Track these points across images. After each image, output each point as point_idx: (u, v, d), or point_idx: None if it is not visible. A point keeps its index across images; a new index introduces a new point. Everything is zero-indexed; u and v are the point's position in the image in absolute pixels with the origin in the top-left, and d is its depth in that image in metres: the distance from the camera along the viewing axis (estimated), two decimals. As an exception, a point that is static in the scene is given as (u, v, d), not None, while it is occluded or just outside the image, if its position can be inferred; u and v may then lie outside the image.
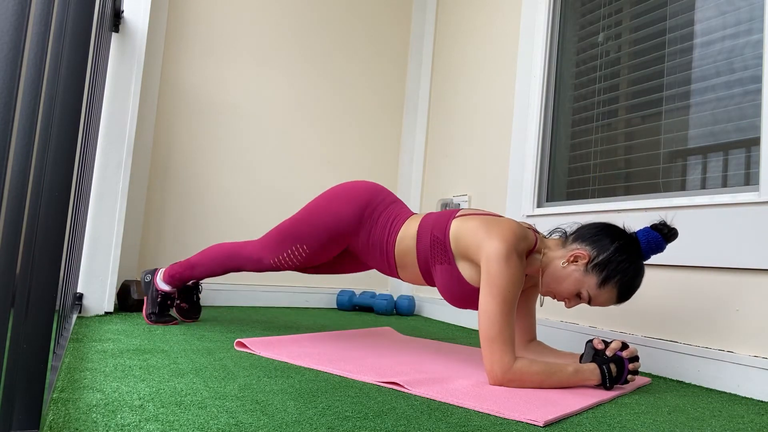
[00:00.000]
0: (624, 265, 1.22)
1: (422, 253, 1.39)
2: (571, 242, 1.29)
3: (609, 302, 1.26)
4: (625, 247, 1.24)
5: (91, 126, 1.35)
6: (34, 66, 0.54)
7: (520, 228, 1.28)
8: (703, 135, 1.58)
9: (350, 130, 2.82)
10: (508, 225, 1.27)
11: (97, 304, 1.84)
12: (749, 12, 1.50)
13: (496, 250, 1.21)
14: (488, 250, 1.22)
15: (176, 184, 2.37)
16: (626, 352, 1.25)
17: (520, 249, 1.24)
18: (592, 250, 1.25)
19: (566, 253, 1.28)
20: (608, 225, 1.29)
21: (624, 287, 1.24)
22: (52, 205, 0.64)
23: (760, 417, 1.12)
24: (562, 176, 2.08)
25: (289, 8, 2.65)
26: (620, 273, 1.22)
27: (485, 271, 1.21)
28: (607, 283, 1.23)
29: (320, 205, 1.52)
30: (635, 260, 1.23)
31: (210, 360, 1.25)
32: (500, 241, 1.22)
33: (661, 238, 1.25)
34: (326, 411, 0.91)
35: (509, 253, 1.21)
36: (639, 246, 1.25)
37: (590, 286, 1.24)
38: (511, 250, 1.21)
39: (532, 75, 2.19)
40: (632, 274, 1.23)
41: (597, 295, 1.25)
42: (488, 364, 1.17)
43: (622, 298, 1.25)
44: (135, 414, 0.82)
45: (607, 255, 1.23)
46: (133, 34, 1.94)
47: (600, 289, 1.24)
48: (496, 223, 1.29)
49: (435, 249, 1.36)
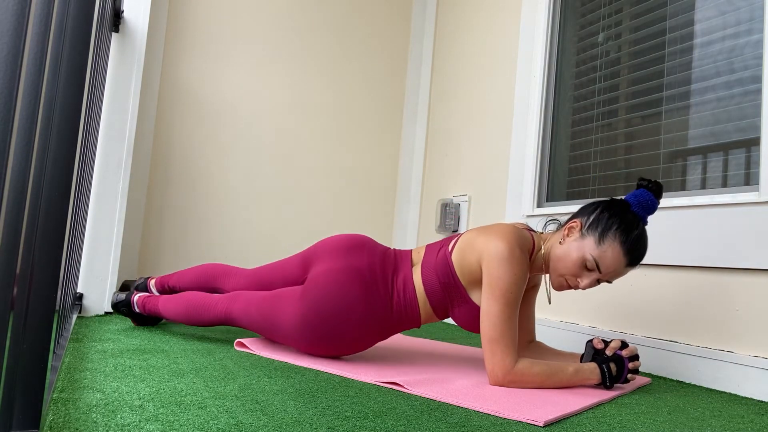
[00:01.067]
0: (616, 217, 1.21)
1: (438, 304, 1.30)
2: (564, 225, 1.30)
3: (617, 261, 1.20)
4: (611, 204, 1.25)
5: (91, 126, 1.35)
6: (34, 66, 0.54)
7: (516, 229, 1.27)
8: (703, 135, 1.58)
9: (350, 129, 2.82)
10: (503, 227, 1.27)
11: (97, 304, 1.84)
12: (749, 12, 1.50)
13: (496, 250, 1.19)
14: (489, 251, 1.20)
15: (176, 184, 2.37)
16: (626, 351, 1.25)
17: (523, 247, 1.23)
18: (582, 217, 1.26)
19: (561, 233, 1.28)
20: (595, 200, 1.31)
21: (624, 238, 1.19)
22: (52, 205, 0.64)
23: (760, 417, 1.12)
24: (562, 176, 2.08)
25: (289, 8, 2.65)
26: (614, 224, 1.20)
27: (486, 273, 1.19)
28: (605, 237, 1.20)
29: (326, 320, 1.28)
30: (626, 214, 1.22)
31: (210, 360, 1.25)
32: (500, 241, 1.20)
33: (647, 192, 1.25)
34: (326, 411, 0.91)
35: (511, 251, 1.19)
36: (628, 205, 1.25)
37: (591, 248, 1.21)
38: (512, 248, 1.19)
39: (532, 75, 2.19)
40: (627, 223, 1.20)
41: (601, 254, 1.19)
42: (489, 365, 1.17)
43: (629, 252, 1.20)
44: (135, 414, 0.82)
45: (597, 213, 1.24)
46: (133, 34, 1.94)
47: (601, 246, 1.20)
48: (491, 227, 1.28)
49: (448, 293, 1.29)
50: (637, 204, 1.24)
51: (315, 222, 2.70)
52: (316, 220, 2.70)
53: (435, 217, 2.73)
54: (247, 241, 2.52)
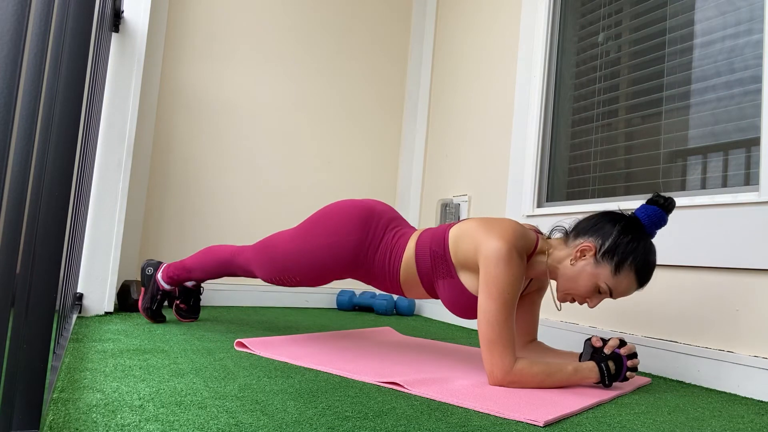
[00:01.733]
0: (633, 244, 1.19)
1: (424, 271, 1.35)
2: (573, 238, 1.26)
3: (630, 288, 1.21)
4: (628, 227, 1.21)
5: (91, 126, 1.35)
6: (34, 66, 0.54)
7: (520, 227, 1.25)
8: (703, 135, 1.58)
9: (350, 129, 2.82)
10: (507, 224, 1.25)
11: (97, 304, 1.84)
12: (749, 12, 1.50)
13: (494, 250, 1.18)
14: (486, 250, 1.19)
15: (176, 183, 2.37)
16: (624, 349, 1.25)
17: (520, 248, 1.20)
18: (597, 239, 1.22)
19: (571, 251, 1.25)
20: (605, 212, 1.27)
21: (640, 267, 1.19)
22: (52, 205, 0.64)
23: (760, 417, 1.12)
24: (562, 176, 2.08)
25: (290, 8, 2.65)
26: (632, 253, 1.18)
27: (484, 272, 1.19)
28: (621, 267, 1.19)
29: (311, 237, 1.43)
30: (642, 237, 1.20)
31: (210, 360, 1.25)
32: (498, 240, 1.19)
33: (660, 210, 1.23)
34: (326, 411, 0.91)
35: (509, 252, 1.18)
36: (641, 224, 1.23)
37: (606, 277, 1.20)
38: (510, 249, 1.18)
39: (532, 75, 2.19)
40: (643, 251, 1.19)
41: (616, 284, 1.20)
42: (488, 366, 1.17)
43: (642, 279, 1.21)
44: (135, 414, 0.82)
45: (613, 239, 1.20)
46: (133, 34, 1.94)
47: (617, 277, 1.19)
48: (495, 222, 1.26)
49: (436, 264, 1.32)
50: (647, 218, 1.23)
51: (315, 222, 2.69)
52: (316, 220, 2.70)
53: (435, 217, 2.73)
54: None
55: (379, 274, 1.43)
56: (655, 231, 1.24)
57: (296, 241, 1.46)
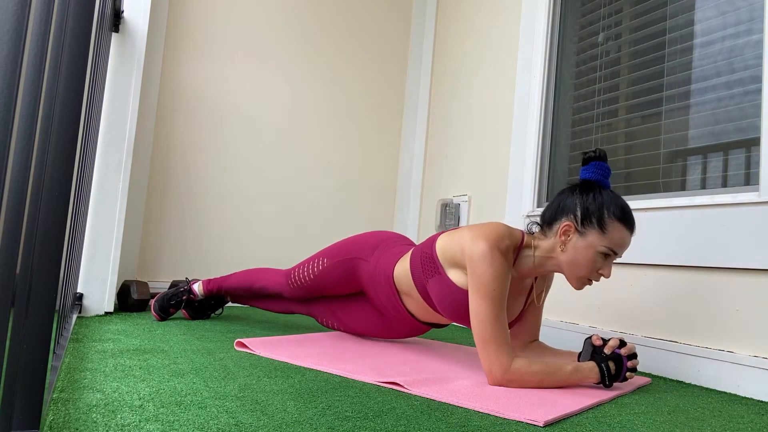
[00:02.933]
0: (599, 199, 1.24)
1: (415, 271, 1.39)
2: (548, 228, 1.31)
3: (625, 237, 1.24)
4: (584, 188, 1.28)
5: (91, 126, 1.35)
6: (34, 66, 0.54)
7: (504, 227, 1.29)
8: (703, 135, 1.58)
9: (350, 130, 2.82)
10: (490, 226, 1.28)
11: (97, 304, 1.84)
12: (749, 12, 1.50)
13: (478, 250, 1.21)
14: (471, 251, 1.23)
15: (176, 184, 2.37)
16: (624, 349, 1.25)
17: (503, 246, 1.23)
18: (568, 215, 1.26)
19: (555, 239, 1.28)
20: (559, 192, 1.34)
21: (618, 213, 1.23)
22: (52, 205, 0.64)
23: (760, 417, 1.12)
24: (562, 176, 2.08)
25: (290, 8, 2.65)
26: (603, 206, 1.23)
27: (470, 273, 1.22)
28: (604, 223, 1.22)
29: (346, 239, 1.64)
30: (601, 190, 1.26)
31: (210, 360, 1.25)
32: (480, 240, 1.23)
33: (596, 161, 1.29)
34: (326, 411, 0.91)
35: (491, 250, 1.21)
36: (591, 180, 1.29)
37: (599, 240, 1.23)
38: (492, 246, 1.21)
39: (532, 75, 2.19)
40: (611, 199, 1.24)
41: (610, 240, 1.23)
42: (486, 365, 1.17)
43: (627, 222, 1.24)
44: (135, 414, 0.82)
45: (581, 206, 1.25)
46: (133, 34, 1.94)
47: (607, 234, 1.22)
48: (479, 226, 1.30)
49: (425, 264, 1.37)
50: (597, 176, 1.29)
51: (315, 222, 2.70)
52: (316, 220, 2.70)
53: (435, 217, 2.73)
54: (247, 241, 2.52)
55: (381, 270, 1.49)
56: (607, 181, 1.29)
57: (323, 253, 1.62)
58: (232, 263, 2.48)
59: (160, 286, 2.30)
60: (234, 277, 1.78)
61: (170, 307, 1.80)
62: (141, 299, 1.99)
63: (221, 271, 2.46)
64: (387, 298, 1.48)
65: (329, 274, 1.57)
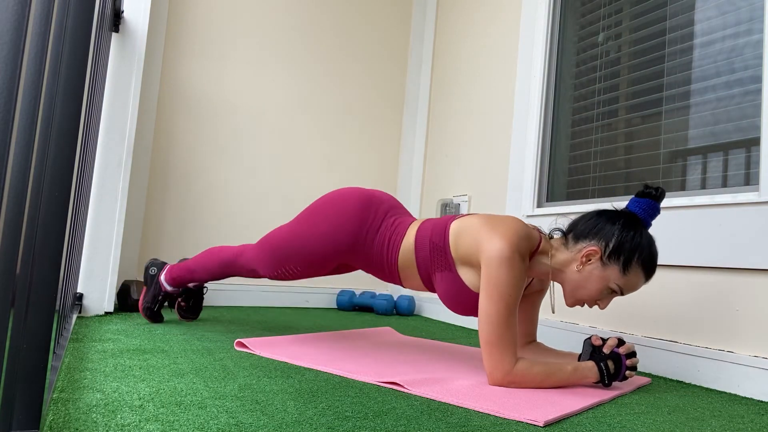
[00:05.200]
0: (636, 240, 1.19)
1: (422, 261, 1.33)
2: (573, 241, 1.25)
3: (639, 284, 1.22)
4: (628, 223, 1.21)
5: (91, 126, 1.35)
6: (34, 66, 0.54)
7: (523, 226, 1.23)
8: (703, 135, 1.58)
9: (350, 129, 2.82)
10: (510, 223, 1.23)
11: (97, 304, 1.84)
12: (749, 12, 1.50)
13: (497, 251, 1.17)
14: (489, 251, 1.18)
15: (176, 183, 2.37)
16: (623, 348, 1.25)
17: (523, 249, 1.19)
18: (600, 241, 1.21)
19: (575, 255, 1.23)
20: (601, 211, 1.27)
21: (647, 262, 1.20)
22: (52, 205, 0.64)
23: (760, 417, 1.12)
24: (562, 176, 2.08)
25: (290, 8, 2.65)
26: (637, 250, 1.19)
27: (485, 273, 1.18)
28: (629, 266, 1.19)
29: (310, 223, 1.43)
30: (642, 231, 1.21)
31: (210, 360, 1.25)
32: (502, 241, 1.17)
33: (652, 201, 1.24)
34: (326, 411, 0.91)
35: (512, 254, 1.16)
36: (638, 218, 1.23)
37: (616, 277, 1.20)
38: (513, 250, 1.17)
39: (532, 75, 2.19)
40: (647, 245, 1.20)
41: (626, 282, 1.20)
42: (489, 367, 1.17)
43: (649, 273, 1.22)
44: (135, 414, 0.82)
45: (617, 239, 1.19)
46: (133, 34, 1.94)
47: (626, 276, 1.20)
48: (498, 220, 1.25)
49: (435, 256, 1.31)
50: (641, 211, 1.24)
51: (315, 222, 2.69)
52: (316, 220, 2.70)
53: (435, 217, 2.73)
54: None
55: (377, 261, 1.41)
56: (651, 221, 1.25)
57: (296, 229, 1.45)
58: (232, 263, 2.48)
59: (160, 286, 2.30)
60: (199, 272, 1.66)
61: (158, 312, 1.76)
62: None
63: (221, 271, 2.46)
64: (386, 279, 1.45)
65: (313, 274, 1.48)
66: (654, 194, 1.25)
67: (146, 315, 1.73)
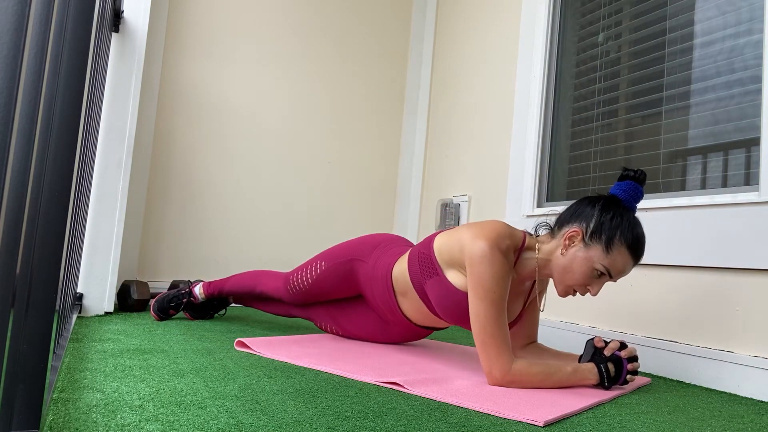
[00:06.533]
0: (617, 219, 1.20)
1: (413, 272, 1.38)
2: (558, 230, 1.28)
3: (627, 265, 1.21)
4: (607, 204, 1.23)
5: (91, 126, 1.35)
6: (34, 66, 0.54)
7: (504, 227, 1.26)
8: (703, 135, 1.58)
9: (350, 129, 2.82)
10: (491, 224, 1.26)
11: (97, 304, 1.84)
12: (749, 12, 1.50)
13: (478, 250, 1.19)
14: (471, 251, 1.21)
15: (176, 183, 2.37)
16: (624, 352, 1.25)
17: (504, 246, 1.21)
18: (581, 223, 1.23)
19: (559, 241, 1.26)
20: (582, 198, 1.30)
21: (630, 240, 1.20)
22: (52, 205, 0.64)
23: (760, 417, 1.12)
24: (562, 176, 2.08)
25: (290, 8, 2.65)
26: (618, 228, 1.19)
27: (470, 273, 1.20)
28: (611, 244, 1.19)
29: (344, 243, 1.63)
30: (624, 212, 1.22)
31: (210, 360, 1.25)
32: (482, 240, 1.20)
33: (633, 183, 1.25)
34: (326, 411, 0.91)
35: (491, 250, 1.19)
36: (619, 199, 1.25)
37: (599, 257, 1.20)
38: (492, 247, 1.19)
39: (532, 75, 2.19)
40: (629, 225, 1.20)
41: (611, 262, 1.20)
42: (486, 367, 1.17)
43: (635, 253, 1.21)
44: (135, 414, 0.82)
45: (597, 219, 1.21)
46: (133, 34, 1.94)
47: (610, 255, 1.19)
48: (479, 224, 1.28)
49: (423, 265, 1.35)
50: (623, 193, 1.26)
51: (315, 222, 2.70)
52: (316, 220, 2.70)
53: (435, 217, 2.73)
54: (247, 240, 2.52)
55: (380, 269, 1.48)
56: (635, 205, 1.26)
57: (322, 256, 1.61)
58: (232, 263, 2.48)
59: (160, 286, 2.30)
60: (234, 280, 1.77)
61: (170, 309, 1.80)
62: (141, 299, 1.99)
63: (221, 270, 2.46)
64: (384, 301, 1.48)
65: (327, 277, 1.55)
66: (633, 175, 1.26)
67: (155, 307, 1.79)
